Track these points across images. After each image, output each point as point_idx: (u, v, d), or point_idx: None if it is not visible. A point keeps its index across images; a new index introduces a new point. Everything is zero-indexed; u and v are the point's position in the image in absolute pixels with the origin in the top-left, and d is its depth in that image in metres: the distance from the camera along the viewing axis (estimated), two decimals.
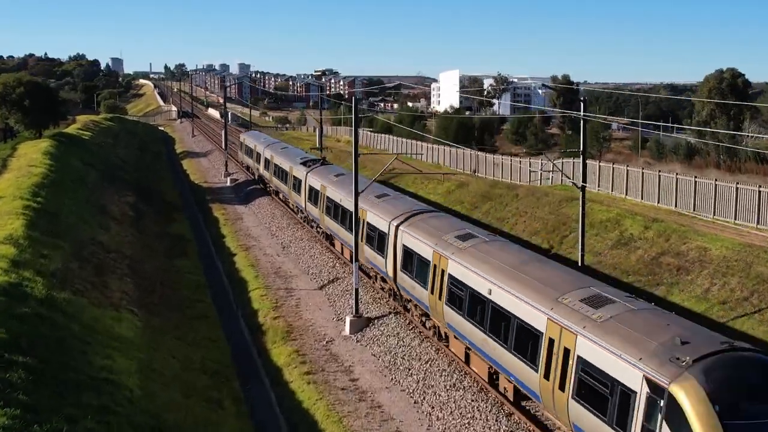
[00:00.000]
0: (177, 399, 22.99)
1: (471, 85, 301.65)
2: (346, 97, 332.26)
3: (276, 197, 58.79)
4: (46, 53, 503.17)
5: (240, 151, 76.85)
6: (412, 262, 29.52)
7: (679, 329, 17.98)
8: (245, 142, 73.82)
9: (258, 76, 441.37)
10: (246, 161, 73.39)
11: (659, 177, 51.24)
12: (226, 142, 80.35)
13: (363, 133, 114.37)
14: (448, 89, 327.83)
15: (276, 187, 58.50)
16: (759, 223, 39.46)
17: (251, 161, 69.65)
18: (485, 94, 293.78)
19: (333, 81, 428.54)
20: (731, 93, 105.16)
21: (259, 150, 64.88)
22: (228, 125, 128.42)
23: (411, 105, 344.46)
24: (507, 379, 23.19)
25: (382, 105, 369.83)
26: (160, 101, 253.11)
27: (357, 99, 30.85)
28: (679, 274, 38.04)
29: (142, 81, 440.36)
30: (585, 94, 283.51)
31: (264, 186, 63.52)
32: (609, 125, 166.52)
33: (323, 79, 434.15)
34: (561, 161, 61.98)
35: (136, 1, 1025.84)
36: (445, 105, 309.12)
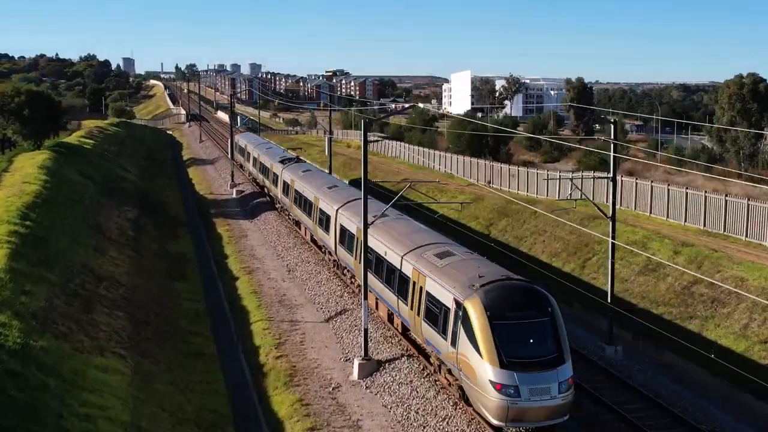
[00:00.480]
0: None
1: (482, 87, 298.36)
2: (356, 99, 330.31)
3: (284, 215, 56.23)
4: (57, 54, 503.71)
5: (235, 151, 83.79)
6: (344, 237, 37.72)
7: (483, 269, 25.42)
8: (238, 142, 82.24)
9: (269, 77, 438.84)
10: (238, 159, 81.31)
11: (686, 194, 48.45)
12: (232, 152, 77.81)
13: (371, 139, 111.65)
14: (459, 91, 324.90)
15: (261, 182, 65.80)
16: None
17: (242, 159, 77.60)
18: (497, 95, 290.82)
19: (344, 82, 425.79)
20: (753, 99, 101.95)
21: (249, 150, 72.62)
22: (236, 128, 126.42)
23: (422, 106, 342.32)
24: (397, 317, 31.23)
25: (393, 106, 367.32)
26: (169, 103, 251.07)
27: (366, 123, 28.09)
28: (714, 306, 35.25)
29: (152, 82, 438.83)
30: (599, 94, 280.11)
31: (262, 189, 67.87)
32: (626, 132, 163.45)
33: (334, 80, 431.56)
34: (581, 175, 59.24)
35: (148, 1, 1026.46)
36: (457, 106, 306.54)
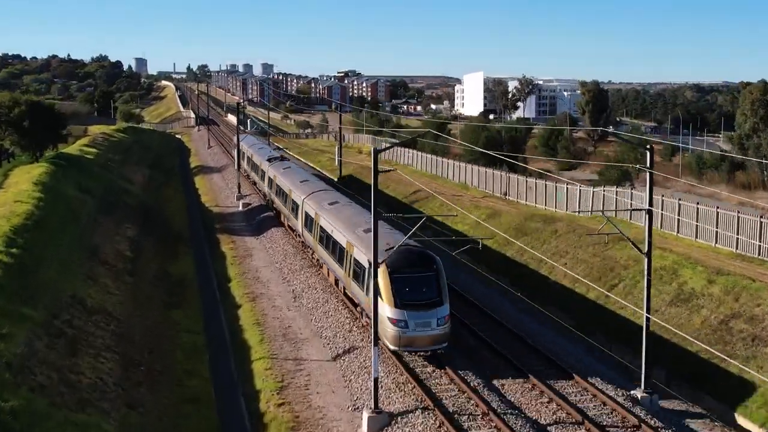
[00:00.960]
0: None
1: (495, 88, 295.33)
2: (368, 100, 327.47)
3: (292, 233, 53.69)
4: (68, 54, 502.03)
5: (234, 151, 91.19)
6: (308, 222, 45.03)
7: (393, 239, 31.43)
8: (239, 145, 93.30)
9: (280, 78, 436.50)
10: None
11: (717, 214, 45.54)
12: (239, 162, 75.11)
13: (384, 146, 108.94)
14: (472, 92, 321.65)
15: (253, 178, 73.10)
16: None
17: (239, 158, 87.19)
18: (510, 96, 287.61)
19: (356, 83, 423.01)
20: None
21: (243, 149, 79.43)
22: (245, 131, 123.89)
23: (434, 107, 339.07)
24: (338, 281, 38.64)
25: (405, 107, 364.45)
26: (179, 105, 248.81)
27: (378, 150, 25.39)
28: (756, 345, 32.32)
29: (164, 83, 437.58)
30: (612, 95, 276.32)
31: (254, 185, 73.87)
32: (642, 133, 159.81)
33: (346, 81, 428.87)
34: (602, 190, 56.38)
35: (160, 1, 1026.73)
36: (469, 108, 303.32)
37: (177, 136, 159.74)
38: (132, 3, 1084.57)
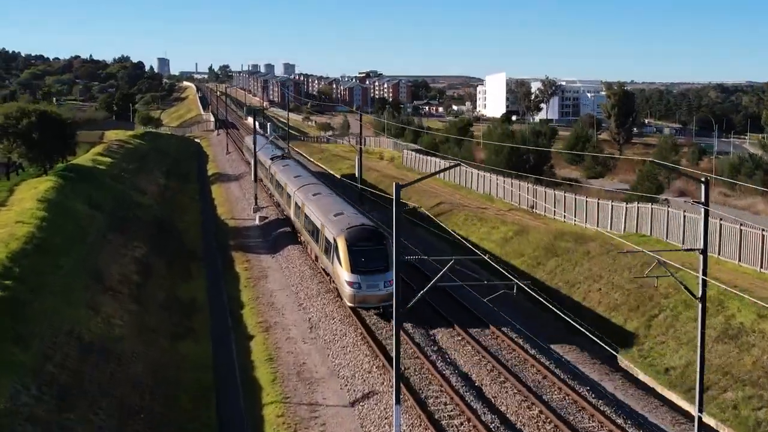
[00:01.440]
0: None
1: (518, 89, 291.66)
2: (390, 101, 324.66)
3: (307, 252, 51.16)
4: (91, 55, 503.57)
5: (243, 150, 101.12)
6: (297, 209, 51.80)
7: (354, 221, 40.68)
8: (246, 143, 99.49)
9: (302, 78, 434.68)
10: (246, 156, 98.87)
11: (763, 237, 42.43)
12: (255, 173, 72.56)
13: (407, 154, 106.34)
14: (494, 94, 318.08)
15: (259, 174, 76.30)
16: None
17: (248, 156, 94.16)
18: (533, 98, 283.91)
19: (377, 83, 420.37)
20: None
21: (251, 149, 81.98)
22: (264, 135, 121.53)
23: (456, 108, 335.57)
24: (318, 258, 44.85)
25: (426, 108, 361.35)
26: (200, 108, 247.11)
27: (399, 186, 22.73)
28: None
29: (185, 84, 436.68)
30: (637, 95, 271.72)
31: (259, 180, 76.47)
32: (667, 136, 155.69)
33: (367, 82, 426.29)
34: (636, 206, 53.32)
35: (183, 1, 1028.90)
36: (492, 109, 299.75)
37: (196, 140, 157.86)
38: (155, 1, 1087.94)
